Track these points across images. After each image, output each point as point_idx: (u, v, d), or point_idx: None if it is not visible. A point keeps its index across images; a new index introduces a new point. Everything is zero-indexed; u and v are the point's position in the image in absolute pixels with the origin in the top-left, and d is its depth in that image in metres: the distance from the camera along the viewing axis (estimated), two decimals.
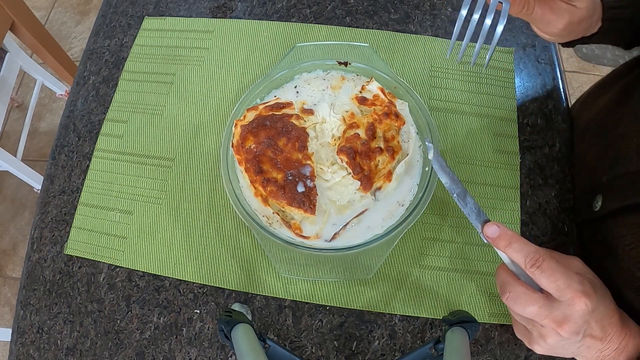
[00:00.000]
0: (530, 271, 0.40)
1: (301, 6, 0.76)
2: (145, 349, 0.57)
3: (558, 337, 0.41)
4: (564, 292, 0.39)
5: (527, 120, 0.66)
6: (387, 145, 0.56)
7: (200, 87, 0.71)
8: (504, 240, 0.42)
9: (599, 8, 0.50)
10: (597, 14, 0.50)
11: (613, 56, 1.78)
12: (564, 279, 0.39)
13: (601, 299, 0.42)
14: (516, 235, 0.42)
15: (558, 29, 0.48)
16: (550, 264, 0.40)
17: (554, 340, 0.41)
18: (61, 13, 2.11)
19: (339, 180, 0.55)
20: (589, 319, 0.40)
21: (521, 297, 0.41)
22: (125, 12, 0.79)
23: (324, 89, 0.62)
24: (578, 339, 0.41)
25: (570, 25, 0.48)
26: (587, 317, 0.40)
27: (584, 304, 0.39)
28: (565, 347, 0.42)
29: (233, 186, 0.55)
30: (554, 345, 0.42)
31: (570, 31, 0.49)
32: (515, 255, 0.41)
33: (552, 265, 0.40)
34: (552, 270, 0.39)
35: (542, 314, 0.40)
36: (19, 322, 0.60)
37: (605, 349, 0.42)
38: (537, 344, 0.43)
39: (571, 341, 0.41)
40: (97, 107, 0.71)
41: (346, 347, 0.55)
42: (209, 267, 0.60)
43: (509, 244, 0.41)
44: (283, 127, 0.56)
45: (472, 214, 0.44)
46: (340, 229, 0.53)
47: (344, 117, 0.58)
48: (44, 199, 0.67)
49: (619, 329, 0.42)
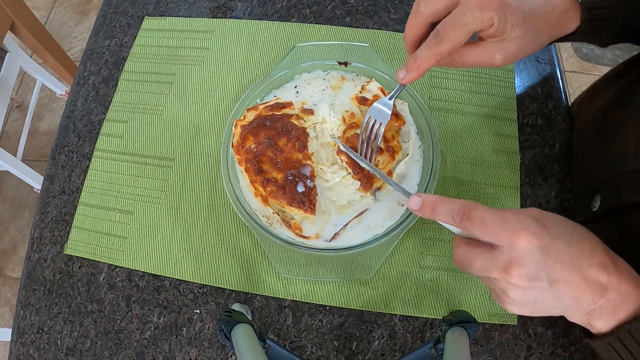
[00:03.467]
0: (461, 226, 0.38)
1: (301, 6, 0.76)
2: (145, 349, 0.57)
3: (515, 287, 0.37)
4: (499, 235, 0.36)
5: (527, 120, 0.66)
6: (387, 145, 0.56)
7: (200, 87, 0.71)
8: (428, 208, 0.40)
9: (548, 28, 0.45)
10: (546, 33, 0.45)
11: (613, 56, 1.78)
12: (496, 221, 0.37)
13: (559, 236, 0.37)
14: (440, 197, 0.40)
15: (500, 63, 0.44)
16: (478, 212, 0.37)
17: (516, 293, 0.37)
18: (61, 13, 2.11)
19: (339, 181, 0.55)
20: (543, 259, 0.36)
21: (464, 256, 0.39)
22: (125, 12, 0.79)
23: (324, 88, 0.62)
24: (544, 286, 0.36)
25: (512, 56, 0.44)
26: (537, 256, 0.36)
27: (525, 241, 0.36)
28: (539, 300, 0.38)
29: (233, 186, 0.55)
30: (522, 299, 0.38)
31: (517, 57, 0.45)
32: (443, 217, 0.39)
33: (481, 212, 0.37)
34: (482, 217, 0.37)
35: (488, 266, 0.37)
36: (19, 322, 0.60)
37: (594, 297, 0.37)
38: (506, 302, 0.39)
39: (538, 290, 0.37)
40: (97, 107, 0.71)
41: (346, 347, 0.55)
42: (209, 267, 0.60)
43: (434, 209, 0.40)
44: (283, 127, 0.56)
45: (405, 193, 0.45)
46: (341, 229, 0.53)
47: (344, 117, 0.58)
48: (44, 199, 0.67)
49: (607, 273, 0.37)
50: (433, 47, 0.42)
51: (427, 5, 0.42)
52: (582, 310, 0.38)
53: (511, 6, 0.41)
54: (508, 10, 0.40)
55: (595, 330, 0.39)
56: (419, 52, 0.43)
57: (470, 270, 0.39)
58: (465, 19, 0.40)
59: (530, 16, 0.42)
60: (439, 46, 0.41)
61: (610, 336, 0.38)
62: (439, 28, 0.41)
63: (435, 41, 0.41)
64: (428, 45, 0.42)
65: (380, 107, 0.50)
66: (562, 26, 0.47)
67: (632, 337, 0.37)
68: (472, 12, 0.40)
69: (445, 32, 0.41)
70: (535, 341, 0.54)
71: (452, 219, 0.39)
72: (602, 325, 0.38)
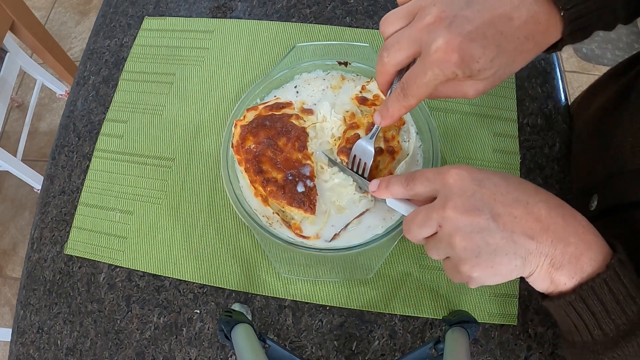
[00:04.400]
0: (408, 189, 0.41)
1: (301, 6, 0.76)
2: (145, 349, 0.57)
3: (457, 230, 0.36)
4: (434, 179, 0.38)
5: (527, 120, 0.66)
6: (387, 145, 0.56)
7: (200, 87, 0.71)
8: (383, 184, 0.42)
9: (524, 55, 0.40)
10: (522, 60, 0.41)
11: (613, 56, 1.78)
12: (433, 171, 0.39)
13: (495, 173, 0.38)
14: (394, 175, 0.43)
15: (473, 96, 0.42)
16: (422, 171, 0.40)
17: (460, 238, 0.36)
18: (61, 13, 2.11)
19: (339, 182, 0.55)
20: (478, 190, 0.36)
21: (410, 220, 0.40)
22: (125, 12, 0.79)
23: (324, 88, 0.62)
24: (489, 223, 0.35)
25: (485, 89, 0.42)
26: (471, 187, 0.37)
27: (455, 174, 0.37)
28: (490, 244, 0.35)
29: (233, 186, 0.55)
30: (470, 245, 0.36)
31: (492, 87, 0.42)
32: (396, 190, 0.41)
33: (423, 170, 0.41)
34: (424, 173, 0.40)
35: (428, 214, 0.38)
36: (19, 322, 0.60)
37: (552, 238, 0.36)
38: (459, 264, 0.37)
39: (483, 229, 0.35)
40: (97, 107, 0.71)
41: (346, 347, 0.55)
42: (209, 267, 0.60)
43: (388, 185, 0.42)
44: (283, 127, 0.56)
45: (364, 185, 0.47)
46: (341, 230, 0.53)
47: (344, 117, 0.58)
48: (44, 199, 0.67)
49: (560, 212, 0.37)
50: (401, 100, 0.42)
51: (389, 57, 0.40)
52: (544, 255, 0.36)
53: (474, 56, 0.37)
54: (471, 61, 0.37)
55: (557, 289, 0.37)
56: (390, 102, 0.43)
57: (415, 230, 0.39)
58: (427, 78, 0.39)
59: (500, 55, 0.38)
60: (406, 100, 0.41)
61: (572, 294, 0.36)
62: (404, 82, 0.41)
63: (403, 95, 0.41)
64: (397, 97, 0.42)
65: (364, 144, 0.51)
66: (541, 46, 0.41)
67: (595, 295, 0.35)
68: (433, 71, 0.38)
69: (409, 89, 0.40)
70: (535, 341, 0.54)
71: (403, 190, 0.41)
72: (565, 279, 0.37)
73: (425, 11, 0.38)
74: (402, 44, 0.39)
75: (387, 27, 0.41)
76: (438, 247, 0.39)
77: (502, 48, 0.38)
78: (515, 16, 0.37)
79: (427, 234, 0.40)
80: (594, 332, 0.37)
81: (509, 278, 0.37)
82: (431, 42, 0.37)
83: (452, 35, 0.36)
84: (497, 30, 0.37)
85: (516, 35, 0.38)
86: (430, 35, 0.37)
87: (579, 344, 0.39)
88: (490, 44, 0.37)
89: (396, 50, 0.40)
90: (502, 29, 0.37)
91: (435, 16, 0.37)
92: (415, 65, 0.39)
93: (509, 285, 0.56)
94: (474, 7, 0.37)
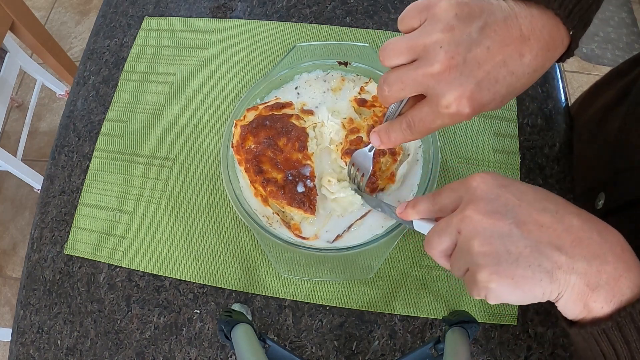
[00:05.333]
0: (434, 204, 0.39)
1: (301, 6, 0.76)
2: (145, 349, 0.57)
3: (477, 233, 0.33)
4: (459, 188, 0.36)
5: (527, 120, 0.66)
6: None
7: (200, 87, 0.71)
8: (410, 205, 0.41)
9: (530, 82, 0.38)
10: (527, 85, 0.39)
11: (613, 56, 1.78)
12: (458, 181, 0.37)
13: (521, 183, 0.35)
14: (419, 196, 0.41)
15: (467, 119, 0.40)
16: (446, 185, 0.38)
17: (480, 242, 0.33)
18: (61, 13, 2.11)
19: (345, 197, 0.54)
20: (503, 194, 0.34)
21: (430, 231, 0.38)
22: (125, 12, 0.79)
23: (325, 91, 0.62)
24: (512, 229, 0.32)
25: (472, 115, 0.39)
26: (495, 190, 0.34)
27: (479, 178, 0.35)
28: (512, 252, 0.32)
29: (233, 186, 0.55)
30: (490, 249, 0.33)
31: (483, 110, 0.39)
32: (423, 208, 0.40)
33: (448, 184, 0.38)
34: (448, 185, 0.38)
35: (450, 221, 0.35)
36: (19, 322, 0.60)
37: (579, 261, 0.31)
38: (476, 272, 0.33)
39: (505, 234, 0.33)
40: (97, 107, 0.71)
41: (346, 347, 0.55)
42: (209, 267, 0.60)
43: (414, 204, 0.40)
44: (283, 127, 0.56)
45: (393, 215, 0.46)
46: (344, 232, 0.53)
47: (343, 124, 0.58)
48: (44, 199, 0.67)
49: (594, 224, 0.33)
50: (406, 133, 0.41)
51: (390, 93, 0.38)
52: (576, 272, 0.31)
53: (485, 103, 0.36)
54: (483, 108, 0.37)
55: (589, 314, 0.33)
56: (392, 131, 0.41)
57: (434, 240, 0.37)
58: (436, 125, 0.38)
59: (510, 94, 0.37)
60: (411, 135, 0.40)
61: (608, 321, 0.32)
62: (411, 121, 0.39)
63: (409, 131, 0.40)
64: (402, 131, 0.41)
65: (362, 158, 0.50)
66: (547, 66, 0.39)
67: (632, 323, 0.31)
68: (443, 121, 0.37)
69: (416, 128, 0.39)
70: (535, 341, 0.54)
71: (429, 202, 0.39)
72: (602, 302, 0.32)
73: (430, 54, 0.35)
74: (406, 85, 0.37)
75: (388, 60, 0.38)
76: (458, 259, 0.36)
77: (512, 87, 0.36)
78: (526, 51, 0.35)
79: (446, 243, 0.36)
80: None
81: (533, 297, 0.33)
82: (442, 94, 0.35)
83: (463, 87, 0.35)
84: (508, 71, 0.35)
85: (526, 72, 0.36)
86: (439, 86, 0.35)
87: None
88: (502, 88, 0.36)
89: (399, 90, 0.38)
90: (513, 68, 0.35)
91: (443, 65, 0.35)
92: (424, 109, 0.38)
93: None
94: (484, 43, 0.34)
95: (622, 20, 1.83)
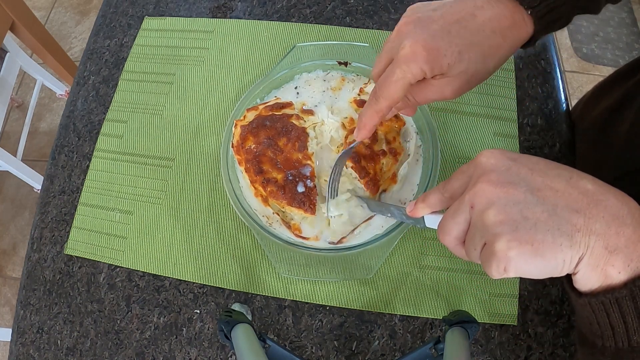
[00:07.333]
0: (444, 192, 0.38)
1: (301, 6, 0.76)
2: (145, 349, 0.57)
3: (491, 204, 0.32)
4: (467, 168, 0.36)
5: (527, 120, 0.66)
6: (389, 147, 0.56)
7: (200, 87, 0.71)
8: (420, 202, 0.40)
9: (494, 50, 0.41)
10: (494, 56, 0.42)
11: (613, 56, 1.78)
12: (466, 164, 0.36)
13: (535, 156, 0.34)
14: (427, 191, 0.41)
15: (452, 96, 0.43)
16: (455, 171, 0.37)
17: (495, 211, 0.31)
18: (61, 13, 2.11)
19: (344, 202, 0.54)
20: (515, 166, 0.33)
21: (442, 224, 0.36)
22: (125, 12, 0.79)
23: (324, 90, 0.62)
24: (527, 196, 0.31)
25: (461, 88, 0.42)
26: (506, 162, 0.33)
27: (487, 153, 0.34)
28: (529, 218, 0.31)
29: (233, 186, 0.55)
30: (507, 217, 0.31)
31: (470, 87, 0.42)
32: (433, 199, 0.39)
33: (457, 170, 0.37)
34: (456, 171, 0.37)
35: (462, 199, 0.34)
36: (19, 322, 0.60)
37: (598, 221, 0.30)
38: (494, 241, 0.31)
39: (520, 201, 0.31)
40: (97, 107, 0.71)
41: (346, 347, 0.55)
42: (209, 267, 0.60)
43: (424, 198, 0.40)
44: (283, 127, 0.56)
45: (403, 217, 0.46)
46: (348, 234, 0.53)
47: (343, 123, 0.58)
48: (44, 199, 0.67)
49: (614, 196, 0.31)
50: (373, 105, 0.42)
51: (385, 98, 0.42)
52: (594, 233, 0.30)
53: (440, 49, 0.39)
54: (438, 55, 0.39)
55: (605, 281, 0.31)
56: (363, 111, 0.44)
57: (449, 224, 0.35)
58: (396, 76, 0.40)
59: (468, 48, 0.40)
60: (378, 104, 0.42)
61: (623, 289, 0.30)
62: (376, 86, 0.42)
63: (375, 99, 0.42)
64: (369, 104, 0.43)
65: (345, 156, 0.51)
66: (513, 42, 0.42)
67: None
68: (400, 69, 0.39)
69: (380, 91, 0.41)
70: (535, 341, 0.54)
71: (439, 192, 0.38)
72: (620, 266, 0.30)
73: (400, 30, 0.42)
74: (381, 59, 0.43)
75: (374, 69, 0.44)
76: (473, 235, 0.33)
77: (468, 40, 0.40)
78: (478, 14, 0.40)
79: (462, 224, 0.34)
80: (633, 337, 0.31)
81: (555, 265, 0.31)
82: (399, 45, 0.40)
83: (417, 34, 0.39)
84: (461, 26, 0.40)
85: (481, 29, 0.40)
86: (397, 41, 0.40)
87: (610, 350, 0.33)
88: (455, 38, 0.39)
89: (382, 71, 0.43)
90: (466, 24, 0.40)
91: (401, 24, 0.41)
92: (388, 67, 0.41)
93: (509, 285, 0.56)
94: (438, 11, 0.40)
95: (622, 20, 1.83)
